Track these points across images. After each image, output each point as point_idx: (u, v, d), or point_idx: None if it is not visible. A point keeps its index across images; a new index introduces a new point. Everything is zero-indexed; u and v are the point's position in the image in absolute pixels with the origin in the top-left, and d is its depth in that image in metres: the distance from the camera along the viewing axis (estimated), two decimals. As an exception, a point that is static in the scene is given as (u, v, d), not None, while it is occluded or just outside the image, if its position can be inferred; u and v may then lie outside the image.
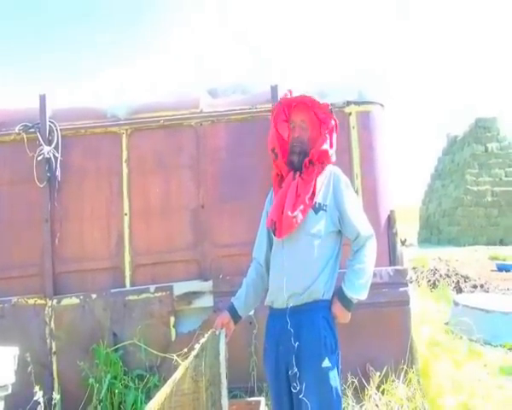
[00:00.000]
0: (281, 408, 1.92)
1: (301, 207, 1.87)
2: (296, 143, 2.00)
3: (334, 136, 2.06)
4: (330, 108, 2.03)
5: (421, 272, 8.60)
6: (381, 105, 3.46)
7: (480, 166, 19.14)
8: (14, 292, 3.23)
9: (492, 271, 9.87)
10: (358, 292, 1.86)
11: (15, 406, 2.64)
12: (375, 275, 3.01)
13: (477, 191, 18.68)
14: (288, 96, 2.04)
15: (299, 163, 1.97)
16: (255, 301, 2.11)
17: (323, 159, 1.99)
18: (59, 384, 3.16)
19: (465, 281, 7.84)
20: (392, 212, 3.33)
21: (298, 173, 1.96)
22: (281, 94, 3.29)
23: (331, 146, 2.02)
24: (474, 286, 7.56)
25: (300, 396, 1.76)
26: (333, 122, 2.03)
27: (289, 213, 1.86)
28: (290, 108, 2.06)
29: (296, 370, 1.79)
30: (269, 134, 2.12)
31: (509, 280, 8.51)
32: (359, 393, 2.94)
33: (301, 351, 1.82)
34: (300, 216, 1.86)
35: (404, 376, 3.00)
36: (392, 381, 2.97)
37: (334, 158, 2.06)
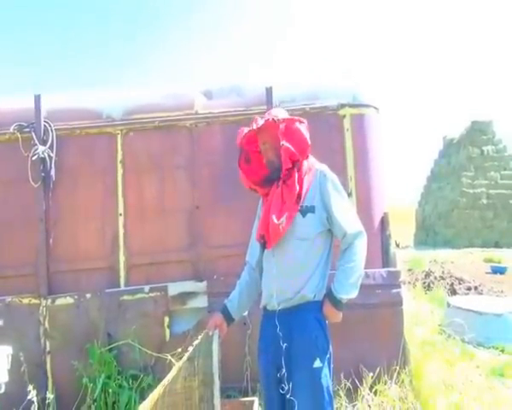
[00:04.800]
0: (272, 407, 1.94)
1: (286, 213, 1.87)
2: (269, 167, 1.99)
3: (296, 129, 1.94)
4: (268, 118, 1.95)
5: (416, 274, 8.63)
6: (376, 108, 3.49)
7: (475, 169, 19.21)
8: (8, 291, 3.24)
9: (487, 273, 9.91)
10: (348, 292, 1.87)
11: (9, 405, 2.65)
12: (368, 276, 3.05)
13: (473, 194, 18.75)
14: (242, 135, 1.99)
15: (279, 176, 1.95)
16: (248, 303, 2.13)
17: (295, 159, 1.93)
18: (53, 384, 3.17)
19: (459, 283, 7.86)
20: (385, 214, 3.35)
21: (281, 181, 1.94)
22: (276, 96, 3.33)
23: (294, 145, 1.92)
24: (469, 288, 7.58)
25: (288, 396, 1.78)
26: (281, 126, 1.93)
27: (275, 220, 1.87)
28: (252, 139, 2.03)
29: (285, 371, 1.81)
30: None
31: (502, 282, 8.55)
32: (352, 393, 2.96)
33: (293, 352, 1.84)
34: (285, 223, 1.86)
35: (397, 376, 3.02)
36: (385, 382, 2.99)
37: (308, 150, 1.97)
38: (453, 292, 7.38)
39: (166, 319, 3.23)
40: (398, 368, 3.03)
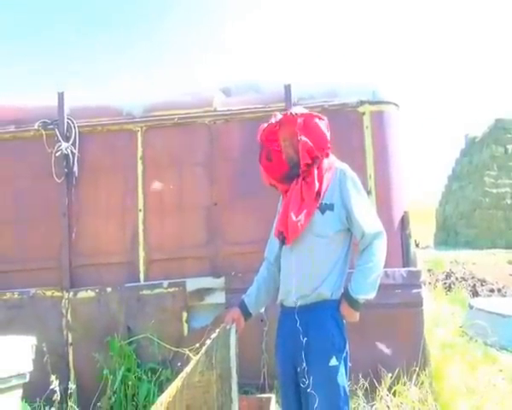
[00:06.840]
0: (288, 404, 1.94)
1: (305, 211, 1.86)
2: (289, 163, 1.99)
3: (315, 125, 1.94)
4: (288, 112, 1.97)
5: (437, 275, 8.48)
6: (396, 105, 3.44)
7: (499, 168, 18.70)
8: (32, 284, 3.32)
9: (511, 275, 9.65)
10: (365, 292, 1.85)
11: (33, 394, 2.72)
12: (387, 276, 3.01)
13: (496, 194, 18.26)
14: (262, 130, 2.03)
15: (298, 173, 1.95)
16: (266, 299, 2.13)
17: (313, 155, 1.92)
18: (75, 375, 3.25)
19: (482, 285, 7.69)
20: (405, 213, 3.30)
21: (301, 178, 1.94)
22: (294, 93, 3.32)
23: (312, 140, 1.91)
24: (491, 290, 7.40)
25: (309, 390, 1.77)
26: (299, 121, 1.93)
27: (293, 217, 1.86)
28: (274, 137, 2.04)
29: (305, 365, 1.80)
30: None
31: (527, 285, 8.30)
32: (370, 393, 2.93)
33: (309, 349, 1.83)
34: (303, 220, 1.85)
35: (416, 378, 2.97)
36: (404, 383, 2.95)
37: (328, 147, 1.97)
38: (475, 294, 7.22)
39: (185, 314, 3.26)
40: (417, 369, 2.98)
